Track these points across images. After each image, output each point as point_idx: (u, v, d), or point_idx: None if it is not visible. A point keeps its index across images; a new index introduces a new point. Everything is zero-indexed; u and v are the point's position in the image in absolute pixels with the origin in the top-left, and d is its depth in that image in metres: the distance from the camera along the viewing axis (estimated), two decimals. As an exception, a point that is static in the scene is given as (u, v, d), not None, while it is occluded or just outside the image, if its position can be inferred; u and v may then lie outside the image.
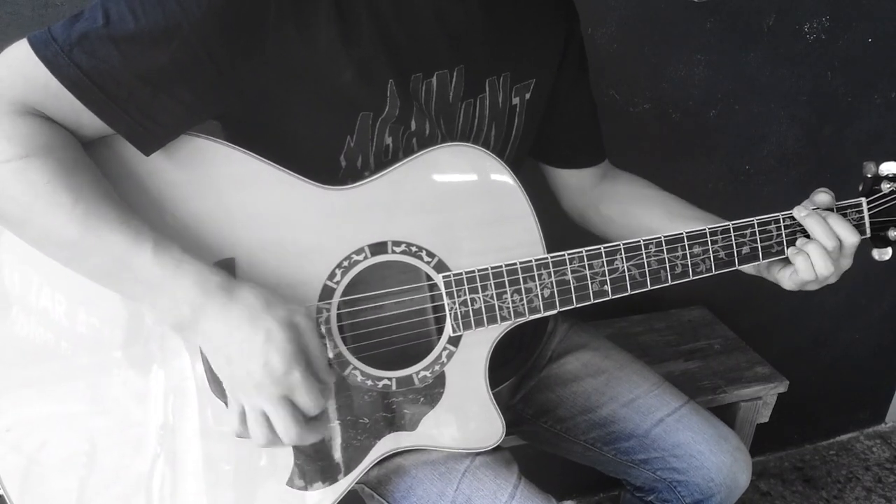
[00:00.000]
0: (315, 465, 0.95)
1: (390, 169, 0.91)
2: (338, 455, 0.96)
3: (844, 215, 1.04)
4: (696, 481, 1.19)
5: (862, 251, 1.04)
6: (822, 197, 1.02)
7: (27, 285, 0.86)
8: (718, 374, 1.67)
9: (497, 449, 1.04)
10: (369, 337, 0.95)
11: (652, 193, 1.20)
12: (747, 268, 1.07)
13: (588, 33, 1.55)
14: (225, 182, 0.87)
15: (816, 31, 1.72)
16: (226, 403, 0.88)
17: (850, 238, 0.99)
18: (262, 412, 0.80)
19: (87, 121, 0.79)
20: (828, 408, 2.32)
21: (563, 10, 1.11)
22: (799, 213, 1.02)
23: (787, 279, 1.04)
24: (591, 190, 1.24)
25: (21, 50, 0.76)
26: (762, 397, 1.66)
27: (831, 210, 1.02)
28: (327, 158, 0.92)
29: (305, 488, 0.95)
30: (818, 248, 0.99)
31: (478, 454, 1.03)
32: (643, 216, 1.16)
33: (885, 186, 1.05)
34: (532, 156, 1.20)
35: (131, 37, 0.76)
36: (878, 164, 1.06)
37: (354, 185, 0.91)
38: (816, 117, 1.84)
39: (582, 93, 1.18)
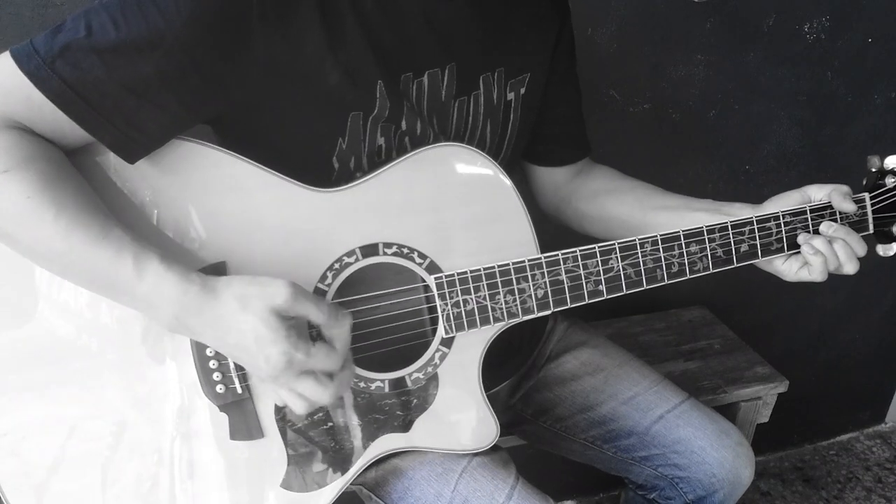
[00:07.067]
0: (309, 467, 0.95)
1: (380, 170, 0.91)
2: (332, 457, 0.96)
3: None
4: (698, 477, 1.18)
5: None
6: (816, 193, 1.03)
7: (20, 290, 0.86)
8: (718, 374, 1.66)
9: (494, 449, 1.04)
10: (362, 339, 0.94)
11: (623, 184, 1.19)
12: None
13: (588, 33, 1.55)
14: (214, 185, 0.87)
15: (816, 31, 1.72)
16: (218, 407, 0.89)
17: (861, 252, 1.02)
18: (291, 390, 0.81)
19: (70, 131, 0.78)
20: (828, 408, 2.32)
21: (554, 2, 1.09)
22: (830, 229, 1.02)
23: (794, 274, 1.04)
24: (566, 185, 1.23)
25: (3, 63, 0.76)
26: (762, 397, 1.66)
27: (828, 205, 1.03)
28: (320, 161, 0.92)
29: (300, 490, 0.95)
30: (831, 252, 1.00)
31: (475, 455, 1.03)
32: (613, 207, 1.16)
33: (890, 181, 1.03)
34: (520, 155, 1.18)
35: (114, 47, 0.76)
36: (882, 159, 1.04)
37: (345, 186, 0.90)
38: (816, 117, 1.83)
39: (571, 87, 1.17)
